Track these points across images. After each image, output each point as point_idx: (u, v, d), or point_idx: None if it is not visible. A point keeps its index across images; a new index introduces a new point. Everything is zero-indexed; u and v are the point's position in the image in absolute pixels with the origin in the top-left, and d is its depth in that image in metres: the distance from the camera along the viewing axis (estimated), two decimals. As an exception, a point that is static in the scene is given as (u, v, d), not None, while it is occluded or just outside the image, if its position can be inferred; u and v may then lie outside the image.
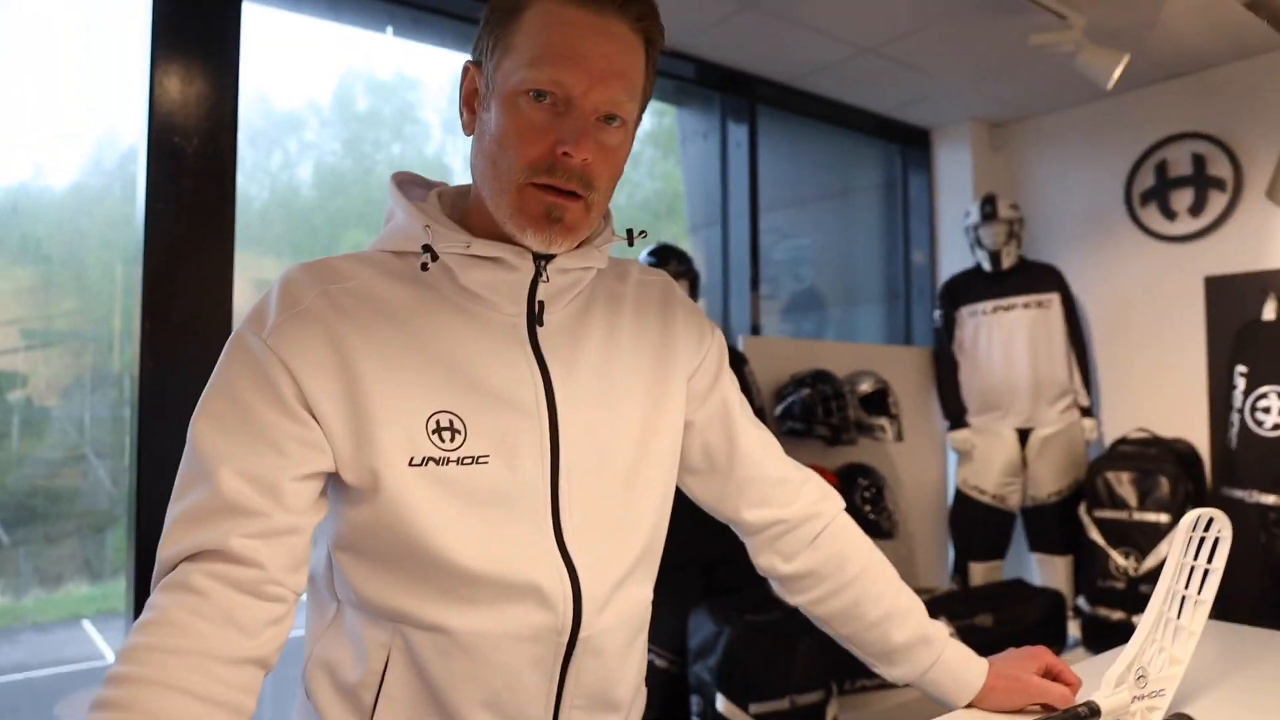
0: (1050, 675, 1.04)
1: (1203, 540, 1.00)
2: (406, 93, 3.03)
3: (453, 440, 0.83)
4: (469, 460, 0.84)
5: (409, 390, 0.83)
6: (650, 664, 2.51)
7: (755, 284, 3.33)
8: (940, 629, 1.05)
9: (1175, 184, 3.34)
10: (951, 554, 3.57)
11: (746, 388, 2.86)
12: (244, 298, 2.47)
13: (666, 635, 2.52)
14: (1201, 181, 3.26)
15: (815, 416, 2.94)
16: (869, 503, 3.00)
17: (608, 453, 0.91)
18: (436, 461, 0.82)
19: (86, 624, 2.76)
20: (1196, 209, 3.28)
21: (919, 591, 3.38)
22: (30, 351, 2.30)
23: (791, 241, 3.85)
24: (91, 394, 2.37)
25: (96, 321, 2.37)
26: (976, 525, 3.44)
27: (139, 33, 2.14)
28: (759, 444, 1.04)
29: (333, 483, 0.85)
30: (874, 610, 1.02)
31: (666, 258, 2.80)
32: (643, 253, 2.86)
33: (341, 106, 2.84)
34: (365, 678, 0.86)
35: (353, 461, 0.82)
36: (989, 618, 2.86)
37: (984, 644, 2.79)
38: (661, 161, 3.62)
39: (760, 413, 2.86)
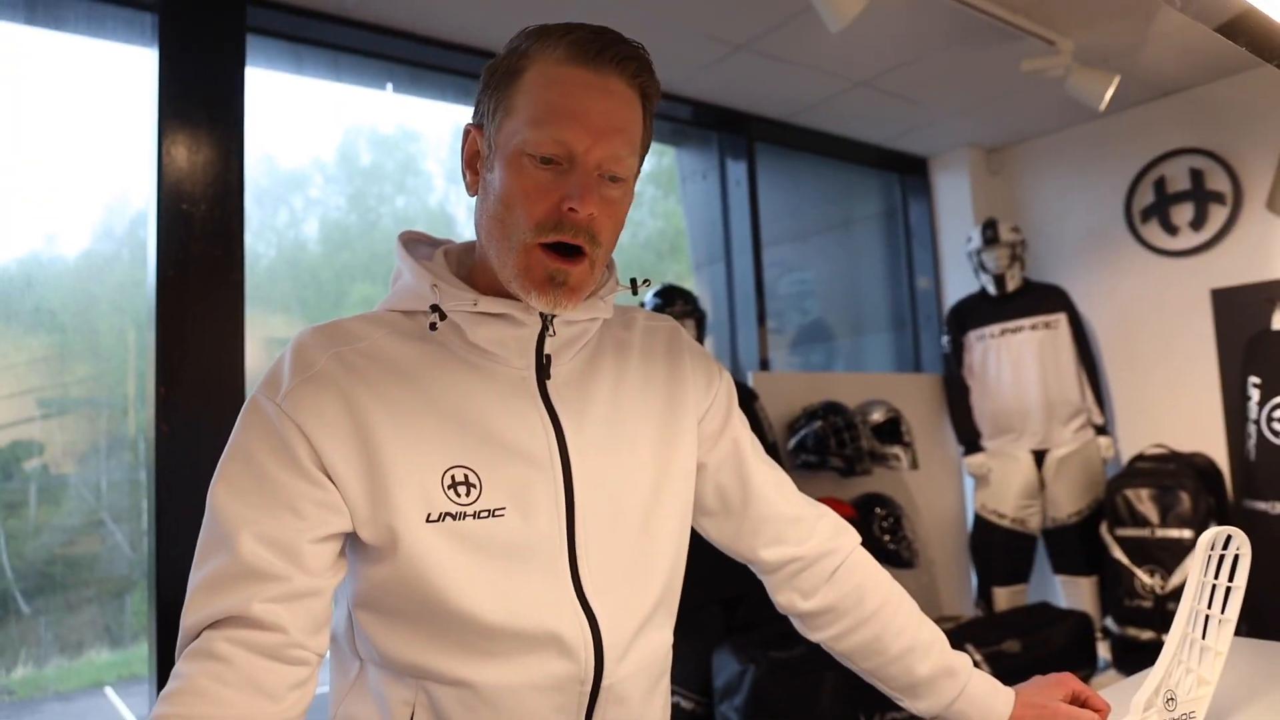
0: (1078, 701, 1.03)
1: (1222, 558, 1.00)
2: (408, 145, 3.08)
3: (468, 494, 0.84)
4: (485, 514, 0.84)
5: (423, 447, 0.84)
6: (676, 706, 2.49)
7: (762, 319, 3.34)
8: (964, 660, 1.04)
9: (1175, 199, 3.35)
10: (974, 580, 3.54)
11: (758, 423, 2.86)
12: (255, 357, 2.49)
13: (691, 676, 2.50)
14: (1201, 196, 3.28)
15: (829, 448, 2.94)
16: (887, 532, 2.98)
17: (622, 499, 0.91)
18: (453, 516, 0.83)
19: (109, 690, 2.75)
20: (1198, 223, 3.29)
21: (943, 620, 3.35)
22: (46, 420, 2.33)
23: (796, 275, 3.87)
24: (107, 459, 2.38)
25: (110, 387, 2.40)
26: (997, 550, 3.41)
27: (146, 102, 2.19)
28: (772, 483, 1.04)
29: (351, 542, 0.86)
30: (896, 644, 1.02)
31: (672, 299, 2.82)
32: (648, 294, 2.88)
33: (345, 162, 2.88)
34: None
35: (370, 520, 0.83)
36: (1016, 643, 2.83)
37: (1013, 670, 2.77)
38: (663, 200, 3.66)
39: (773, 448, 2.85)
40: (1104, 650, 3.15)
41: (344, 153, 2.88)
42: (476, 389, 0.87)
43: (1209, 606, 0.99)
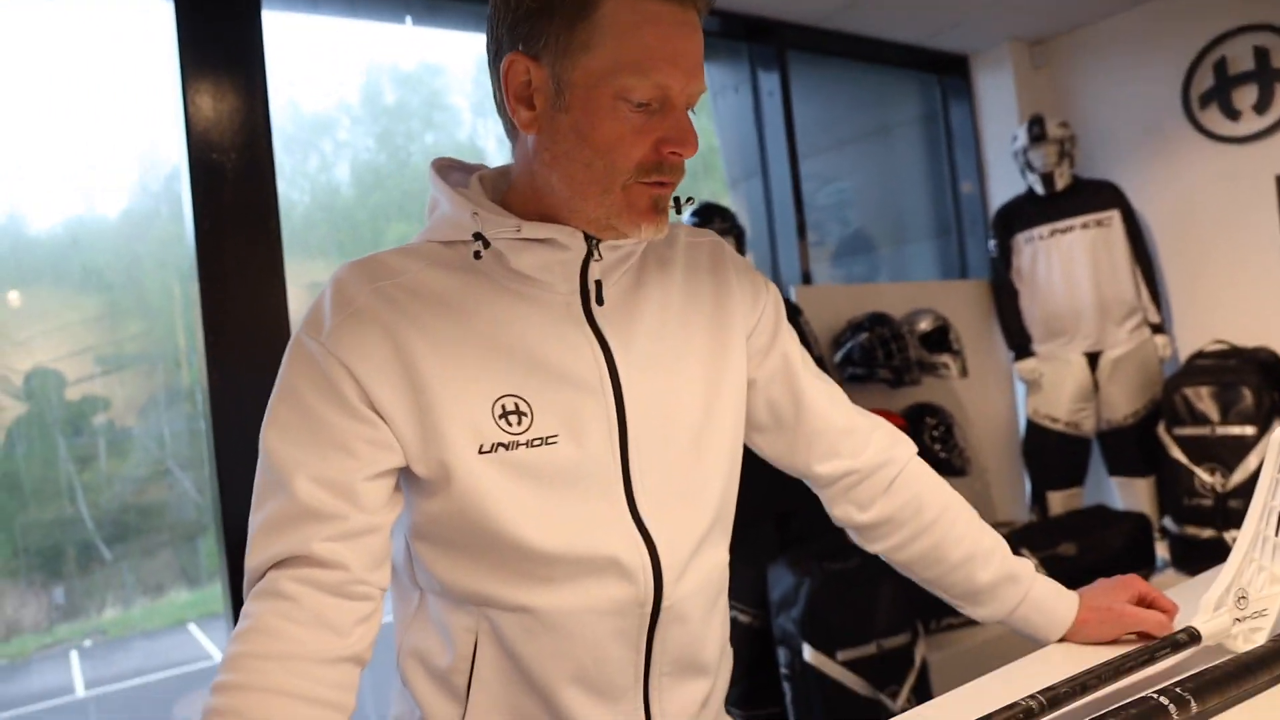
0: (1143, 603, 1.01)
1: (1297, 453, 0.96)
2: (433, 80, 3.03)
3: (520, 423, 0.84)
4: (538, 442, 0.84)
5: (471, 378, 0.83)
6: (734, 620, 2.53)
7: (802, 232, 3.27)
8: (1026, 565, 1.03)
9: (1237, 81, 3.18)
10: (1028, 485, 3.51)
11: (804, 338, 2.81)
12: (297, 302, 2.51)
13: (747, 590, 2.53)
14: (1266, 75, 3.10)
15: (876, 360, 2.90)
16: (939, 441, 2.96)
17: (673, 420, 0.90)
18: (505, 446, 0.83)
19: (192, 627, 2.89)
20: (1262, 105, 3.12)
21: (998, 525, 3.34)
22: (106, 375, 2.39)
23: (835, 186, 3.77)
24: (167, 410, 2.45)
25: (162, 340, 2.45)
26: (1051, 454, 3.37)
27: (167, 56, 2.17)
28: (824, 396, 1.02)
29: (405, 475, 0.86)
30: (956, 552, 1.01)
31: (710, 216, 2.77)
32: (686, 213, 2.83)
33: (370, 102, 2.85)
34: (456, 663, 0.88)
35: (422, 455, 0.83)
36: (1072, 546, 2.81)
37: (1069, 573, 2.75)
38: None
39: (820, 361, 2.81)
40: (1162, 550, 3.12)
41: (368, 93, 2.85)
42: (521, 316, 0.86)
43: (1282, 502, 0.96)
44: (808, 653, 2.29)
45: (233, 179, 2.18)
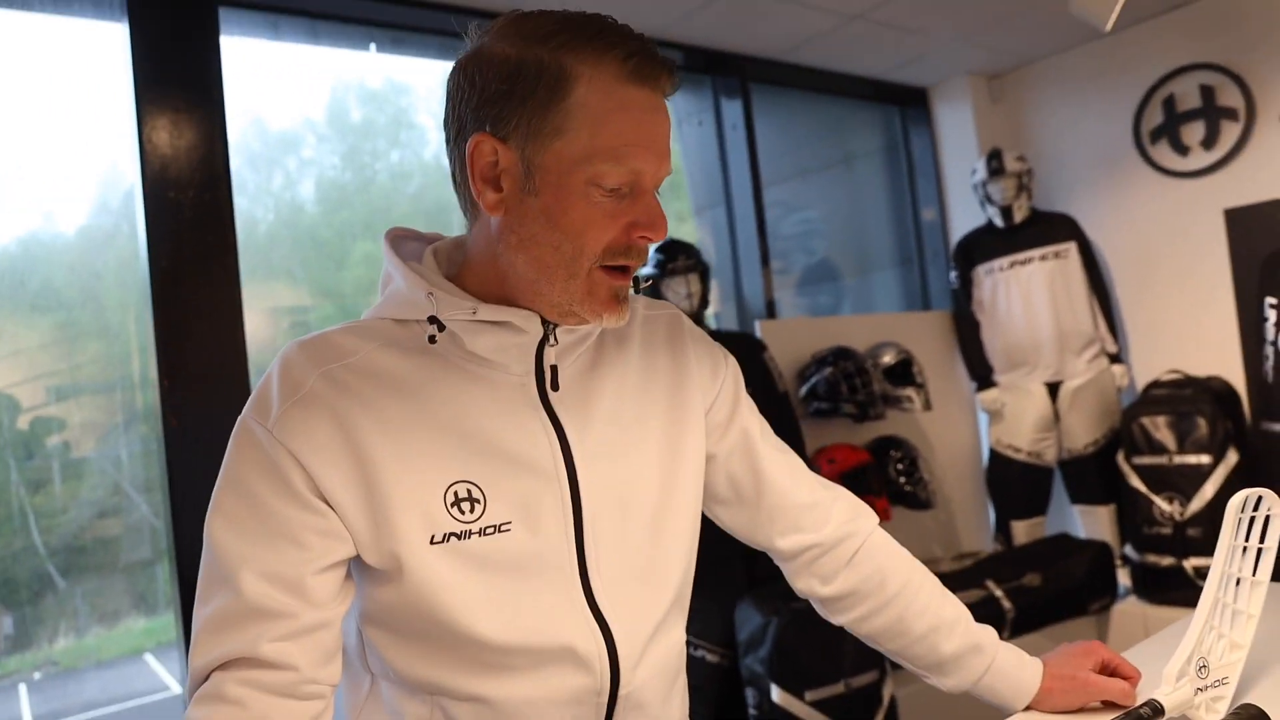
0: (1107, 670, 1.02)
1: (1253, 520, 0.97)
2: (399, 99, 3.01)
3: (473, 511, 0.82)
4: (491, 530, 0.82)
5: (423, 464, 0.81)
6: (702, 660, 2.51)
7: (766, 261, 3.29)
8: (990, 634, 1.03)
9: (1185, 118, 3.25)
10: (992, 515, 3.54)
11: (767, 374, 2.83)
12: (259, 331, 2.47)
13: (715, 629, 2.52)
14: (1212, 113, 3.18)
15: (840, 394, 2.91)
16: (903, 474, 2.98)
17: (630, 505, 0.89)
18: (458, 536, 0.81)
19: (148, 657, 2.82)
20: (1209, 142, 3.20)
21: (962, 556, 3.36)
22: (62, 398, 2.33)
23: (799, 215, 3.80)
24: (125, 433, 2.39)
25: (120, 362, 2.40)
26: (1014, 484, 3.40)
27: (123, 74, 2.13)
28: (785, 469, 1.02)
29: (356, 563, 0.84)
30: (919, 624, 1.01)
31: (674, 253, 2.77)
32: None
33: (336, 120, 2.83)
34: None
35: (373, 545, 0.81)
36: (1037, 577, 2.84)
37: (1035, 603, 2.79)
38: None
39: (784, 398, 2.83)
40: (1124, 577, 3.16)
41: (333, 111, 2.82)
42: (475, 400, 0.84)
43: (1239, 570, 0.97)
44: (776, 693, 2.28)
45: (190, 218, 2.14)
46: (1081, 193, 3.56)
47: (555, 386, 0.87)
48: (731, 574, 2.61)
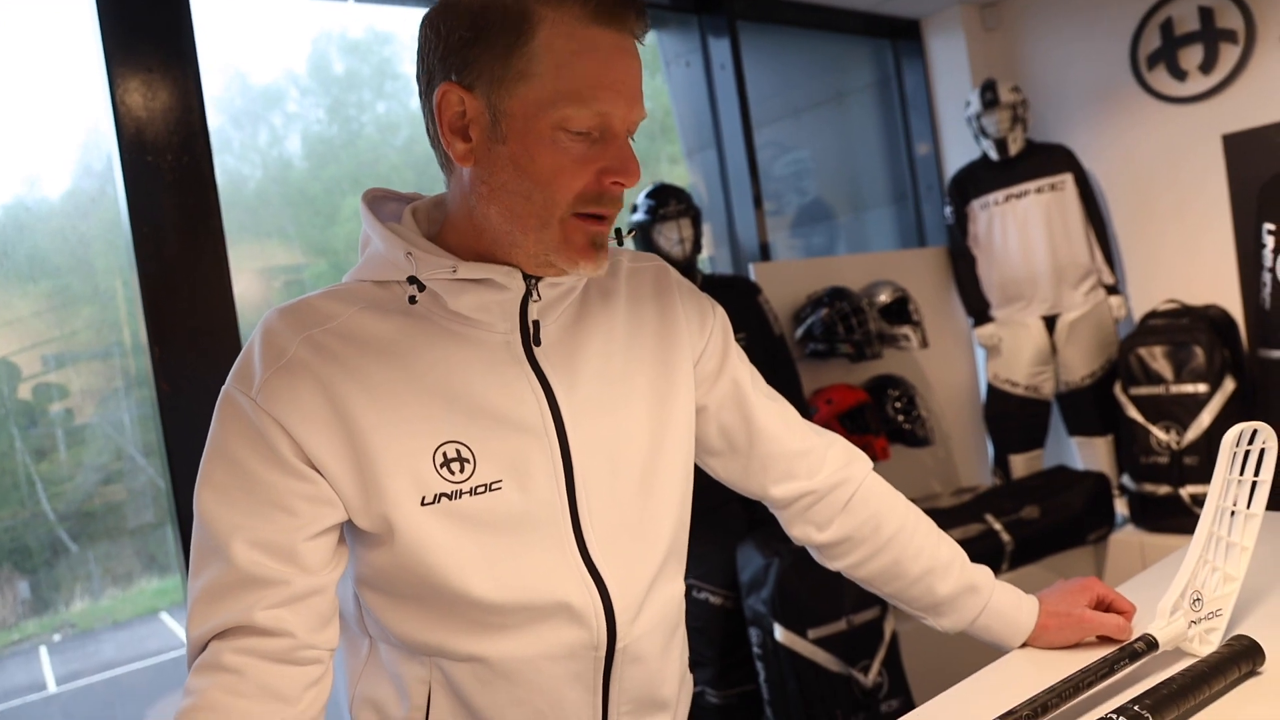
0: (1103, 606, 1.03)
1: (1248, 454, 0.97)
2: (381, 49, 2.94)
3: (462, 470, 0.82)
4: (481, 489, 0.82)
5: (411, 427, 0.81)
6: (705, 602, 2.55)
7: (758, 202, 3.25)
8: (985, 574, 1.04)
9: (1183, 41, 3.18)
10: (990, 449, 3.56)
11: (763, 317, 2.82)
12: (251, 291, 2.45)
13: (718, 572, 2.55)
14: (1211, 36, 3.11)
15: (836, 335, 2.91)
16: (902, 413, 2.98)
17: (620, 458, 0.89)
18: (449, 496, 0.81)
19: (164, 616, 2.86)
20: (1207, 66, 3.13)
21: (961, 491, 3.38)
22: (61, 364, 2.33)
23: (791, 154, 3.75)
24: (126, 397, 2.40)
25: (115, 327, 2.39)
26: (1012, 418, 3.41)
27: (92, 32, 2.07)
28: (777, 418, 1.01)
29: (348, 527, 0.84)
30: (915, 567, 1.01)
31: (665, 198, 2.74)
32: (641, 194, 2.79)
33: (318, 72, 2.77)
34: (411, 714, 0.87)
35: (363, 509, 0.80)
36: (1035, 509, 2.86)
37: (1033, 536, 2.81)
38: (649, 80, 3.50)
39: (780, 340, 2.82)
40: (1121, 507, 3.19)
41: (316, 63, 2.76)
42: (460, 359, 0.83)
43: (1234, 503, 0.97)
44: (779, 632, 2.31)
45: (170, 181, 2.10)
46: (1077, 122, 3.50)
47: (538, 342, 0.86)
48: (732, 517, 2.63)
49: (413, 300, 0.82)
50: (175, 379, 2.07)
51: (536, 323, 0.86)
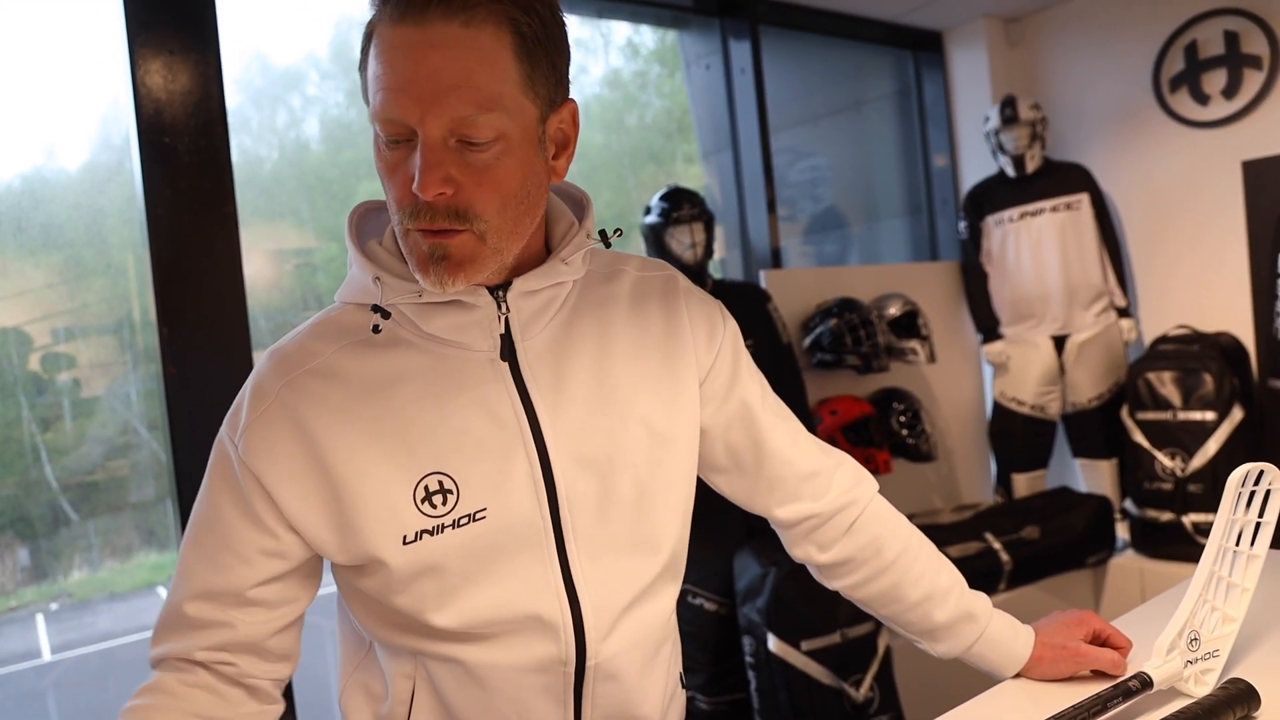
0: (1099, 640, 1.02)
1: (1253, 494, 0.96)
2: (404, 34, 2.94)
3: (445, 503, 0.81)
4: (465, 520, 0.81)
5: (392, 465, 0.80)
6: (700, 608, 2.54)
7: (772, 207, 3.24)
8: (983, 602, 1.03)
9: (1207, 65, 3.16)
10: (994, 467, 3.55)
11: (771, 325, 2.81)
12: (263, 274, 2.45)
13: (714, 578, 2.55)
14: (1235, 60, 3.09)
15: (844, 346, 2.90)
16: (906, 427, 2.97)
17: (613, 473, 0.87)
18: (430, 532, 0.81)
19: (161, 590, 2.87)
20: (1230, 91, 3.11)
21: (962, 508, 3.36)
22: (71, 336, 2.35)
23: (808, 161, 3.73)
24: (134, 370, 2.40)
25: (126, 301, 2.40)
26: (1017, 436, 3.39)
27: (117, 20, 2.08)
28: (786, 438, 1.00)
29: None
30: (914, 592, 1.01)
31: (679, 201, 2.73)
32: (655, 196, 2.79)
33: (340, 57, 2.77)
34: (394, 708, 0.89)
35: (341, 550, 0.82)
36: (1036, 530, 2.85)
37: (1033, 557, 2.80)
38: (669, 79, 3.50)
39: (788, 348, 2.81)
40: (1123, 531, 3.18)
41: (338, 47, 2.76)
42: (444, 384, 0.82)
43: (1237, 543, 0.97)
44: (772, 642, 2.31)
45: (186, 164, 2.10)
46: (1096, 142, 3.48)
47: (506, 357, 0.84)
48: (730, 524, 2.63)
49: (376, 329, 0.81)
50: (182, 361, 2.07)
51: (508, 337, 0.84)
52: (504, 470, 0.83)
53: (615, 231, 0.87)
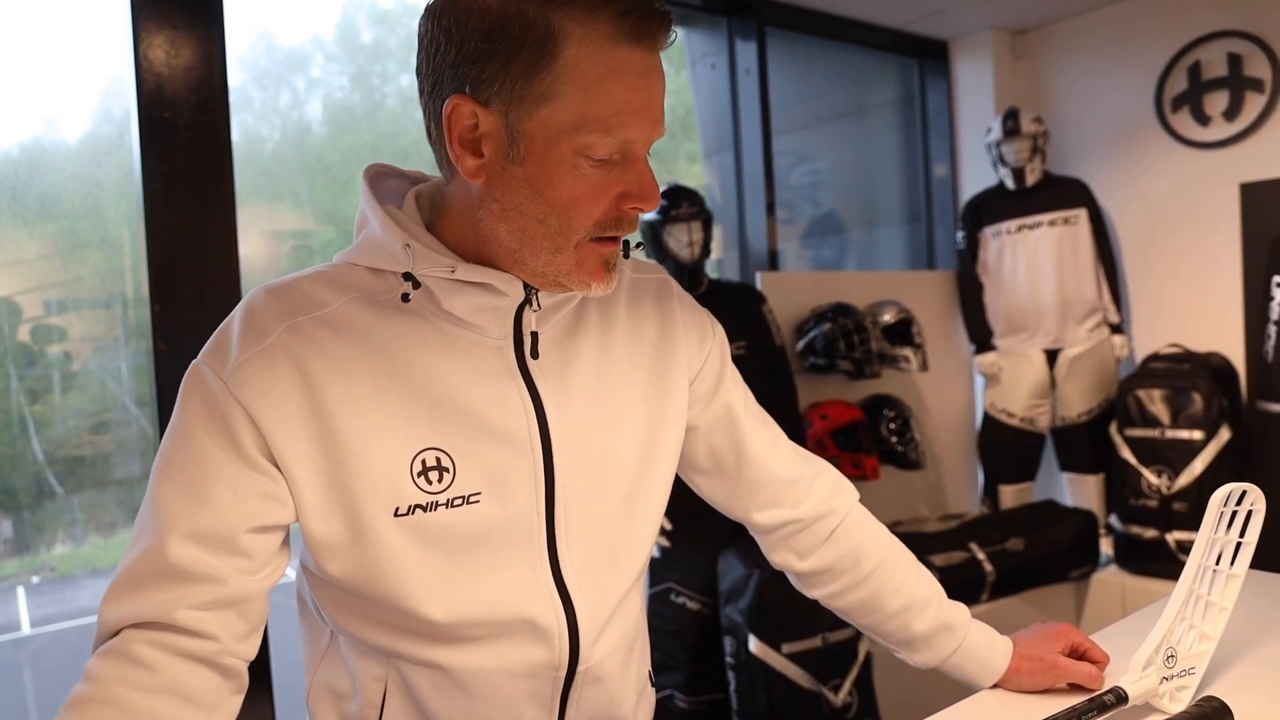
0: (1077, 653, 1.02)
1: (1235, 514, 0.97)
2: (411, 20, 2.92)
3: (441, 480, 0.78)
4: (459, 501, 0.79)
5: (392, 431, 0.77)
6: (682, 607, 2.54)
7: (771, 209, 3.24)
8: (962, 613, 1.04)
9: (1209, 86, 3.17)
10: (981, 478, 3.56)
11: (766, 327, 2.81)
12: (258, 254, 2.44)
13: (697, 578, 2.55)
14: (1238, 83, 3.10)
15: (837, 351, 2.90)
16: (895, 434, 2.98)
17: (606, 477, 0.87)
18: (424, 508, 0.78)
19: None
20: (1232, 112, 3.12)
21: (948, 518, 3.36)
22: (63, 309, 2.33)
23: (809, 165, 3.74)
24: (125, 345, 2.39)
25: (120, 276, 2.38)
26: (1005, 448, 3.41)
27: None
28: (768, 445, 1.00)
29: (295, 532, 0.81)
30: (893, 602, 1.01)
31: (678, 199, 2.73)
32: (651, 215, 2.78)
33: (346, 39, 2.76)
34: (364, 710, 0.85)
35: (323, 514, 0.76)
36: (1020, 542, 2.86)
37: (1016, 568, 2.81)
38: (674, 77, 3.50)
39: (781, 351, 2.82)
40: (1107, 546, 3.19)
41: (343, 30, 2.75)
42: (450, 362, 0.80)
43: (1217, 563, 0.97)
44: (753, 644, 2.31)
45: (185, 140, 2.09)
46: (1097, 158, 3.49)
47: (535, 354, 0.83)
48: (715, 524, 2.62)
49: (405, 298, 0.79)
50: (173, 338, 2.06)
51: (535, 334, 0.83)
52: (505, 462, 0.81)
53: (637, 244, 0.87)
